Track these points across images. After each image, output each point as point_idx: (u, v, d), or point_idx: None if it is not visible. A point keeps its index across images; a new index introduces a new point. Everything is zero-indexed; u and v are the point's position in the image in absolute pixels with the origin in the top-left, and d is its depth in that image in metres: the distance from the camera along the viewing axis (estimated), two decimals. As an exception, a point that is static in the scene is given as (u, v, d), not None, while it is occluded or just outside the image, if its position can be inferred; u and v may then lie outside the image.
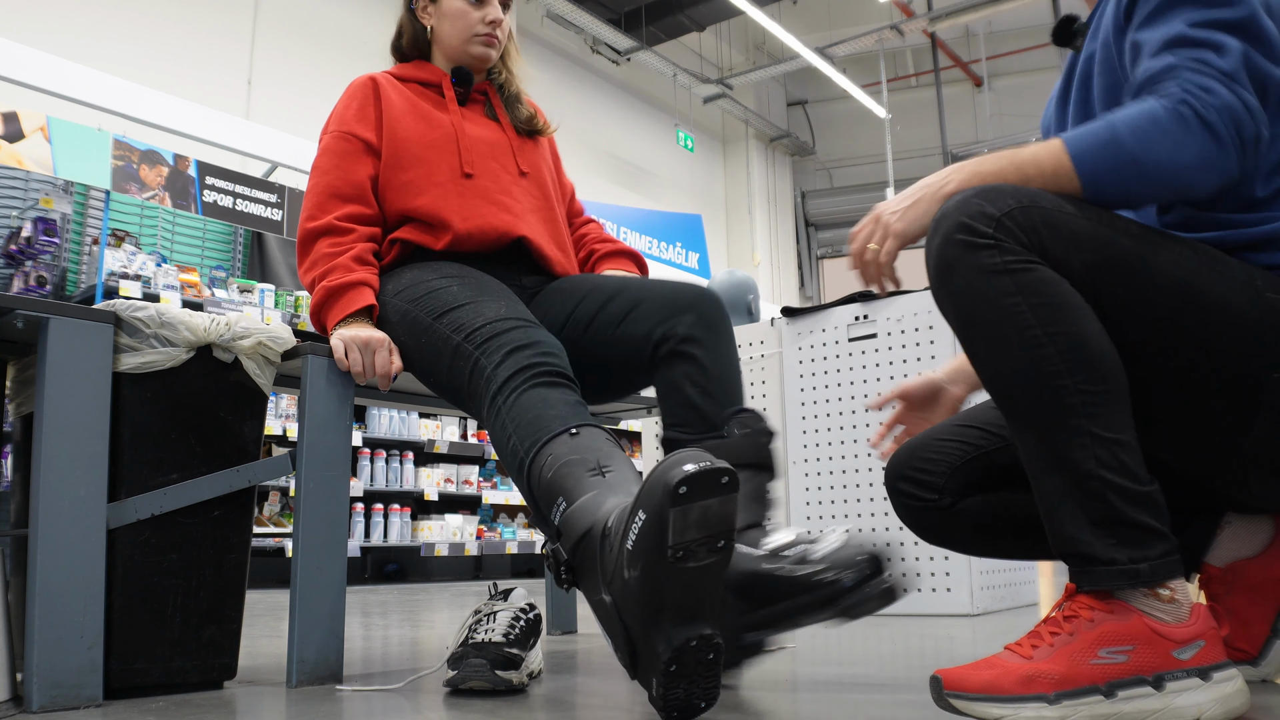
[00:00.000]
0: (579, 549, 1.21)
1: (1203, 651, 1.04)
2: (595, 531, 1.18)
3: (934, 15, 9.92)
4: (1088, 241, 1.09)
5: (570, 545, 1.22)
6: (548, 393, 1.41)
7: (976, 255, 1.07)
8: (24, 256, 5.32)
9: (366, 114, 1.86)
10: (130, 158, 5.36)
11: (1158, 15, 1.17)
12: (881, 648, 2.03)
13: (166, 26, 6.76)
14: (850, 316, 3.12)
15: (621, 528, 1.12)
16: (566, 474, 1.27)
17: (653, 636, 1.10)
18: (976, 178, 1.14)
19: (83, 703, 1.33)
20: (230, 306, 5.54)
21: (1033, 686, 1.02)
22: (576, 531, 1.21)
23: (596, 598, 1.18)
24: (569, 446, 1.31)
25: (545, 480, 1.30)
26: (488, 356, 1.47)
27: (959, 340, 1.13)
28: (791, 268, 13.06)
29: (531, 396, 1.40)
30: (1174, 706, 1.02)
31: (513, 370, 1.44)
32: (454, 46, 1.93)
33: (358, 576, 6.35)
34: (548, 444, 1.32)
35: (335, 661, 1.55)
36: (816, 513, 3.12)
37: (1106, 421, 1.05)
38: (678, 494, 1.03)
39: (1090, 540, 1.05)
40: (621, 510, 1.15)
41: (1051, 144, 1.13)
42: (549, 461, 1.30)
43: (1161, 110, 1.08)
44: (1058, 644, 1.05)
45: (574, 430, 1.32)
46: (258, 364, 1.58)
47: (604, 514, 1.18)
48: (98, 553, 1.37)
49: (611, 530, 1.15)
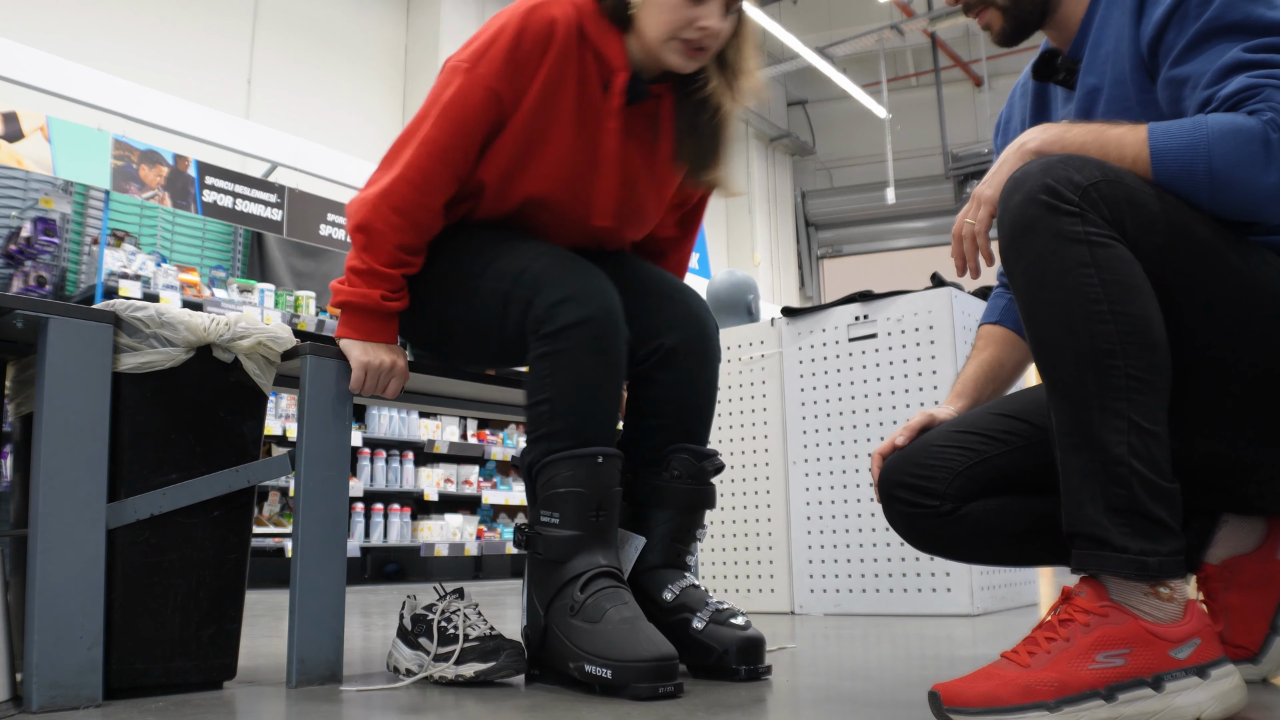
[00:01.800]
0: (548, 579, 1.49)
1: (1199, 649, 1.04)
2: (564, 580, 1.46)
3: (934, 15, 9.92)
4: (1164, 226, 1.09)
5: (542, 564, 1.50)
6: (596, 370, 1.48)
7: (1058, 220, 1.07)
8: (24, 256, 5.32)
9: (523, 72, 1.54)
10: (130, 158, 5.36)
11: (1194, 50, 1.17)
12: (881, 648, 2.03)
13: (166, 26, 6.76)
14: (850, 316, 3.12)
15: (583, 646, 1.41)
16: (572, 501, 1.46)
17: (566, 662, 1.43)
18: (1059, 143, 1.15)
19: (83, 703, 1.33)
20: (230, 306, 5.54)
21: (1033, 695, 1.02)
22: (552, 557, 1.48)
23: (537, 614, 1.49)
24: (589, 473, 1.46)
25: (555, 485, 1.47)
26: (542, 295, 1.49)
27: (1020, 301, 1.12)
28: (791, 268, 13.05)
29: (582, 370, 1.47)
30: (1174, 706, 1.02)
31: (568, 322, 1.47)
32: (650, 40, 1.55)
33: (358, 576, 6.34)
34: (573, 459, 1.46)
35: (335, 661, 1.55)
36: (817, 513, 3.12)
37: (1146, 411, 1.05)
38: (635, 686, 1.34)
39: (1106, 524, 1.04)
40: (592, 601, 1.43)
41: (1138, 130, 1.13)
42: (566, 478, 1.46)
43: (1255, 128, 1.08)
44: (1055, 650, 1.05)
45: (600, 460, 1.46)
46: (258, 364, 1.58)
47: (575, 569, 1.46)
48: (98, 553, 1.37)
49: (578, 605, 1.43)
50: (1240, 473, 1.25)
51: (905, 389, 2.99)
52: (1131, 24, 1.25)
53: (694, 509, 1.64)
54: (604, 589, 1.43)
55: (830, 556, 3.07)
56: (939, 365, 2.93)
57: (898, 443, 1.42)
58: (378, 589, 5.46)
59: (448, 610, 1.58)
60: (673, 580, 1.60)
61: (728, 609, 1.58)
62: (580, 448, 1.46)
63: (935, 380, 2.93)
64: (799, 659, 1.86)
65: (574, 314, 1.47)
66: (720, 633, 1.54)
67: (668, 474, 1.62)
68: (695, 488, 1.63)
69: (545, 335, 1.49)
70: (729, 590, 3.28)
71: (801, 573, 3.13)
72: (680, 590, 1.59)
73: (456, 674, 1.50)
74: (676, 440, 1.65)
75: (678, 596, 1.58)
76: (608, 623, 1.39)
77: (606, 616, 1.39)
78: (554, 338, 1.48)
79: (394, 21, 8.40)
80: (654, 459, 1.64)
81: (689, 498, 1.63)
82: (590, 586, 1.43)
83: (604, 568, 1.45)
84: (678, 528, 1.63)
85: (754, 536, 3.26)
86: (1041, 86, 1.46)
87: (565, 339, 1.47)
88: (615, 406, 1.52)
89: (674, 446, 1.64)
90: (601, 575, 1.45)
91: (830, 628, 2.53)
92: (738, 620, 1.56)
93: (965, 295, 3.07)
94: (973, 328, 3.04)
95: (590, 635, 1.39)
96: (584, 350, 1.47)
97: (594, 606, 1.41)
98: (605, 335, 1.49)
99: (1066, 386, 1.07)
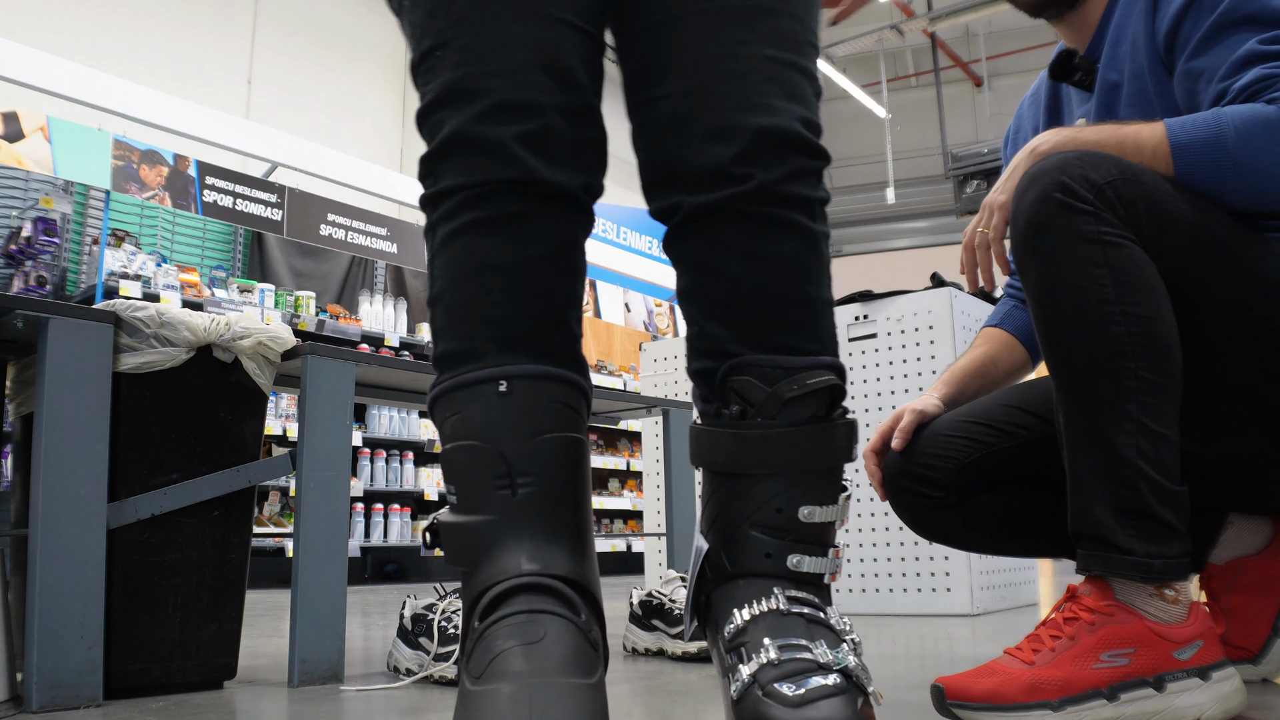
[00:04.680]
0: (464, 595, 0.90)
1: (1201, 651, 1.04)
2: (469, 600, 0.88)
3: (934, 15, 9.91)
4: (1183, 225, 1.09)
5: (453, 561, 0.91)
6: (488, 240, 0.91)
7: (1071, 218, 1.06)
8: (24, 256, 5.33)
9: None
10: (130, 158, 5.35)
11: (1209, 43, 1.17)
12: (881, 648, 2.03)
13: (166, 26, 6.76)
14: (850, 316, 3.12)
15: None
16: (465, 465, 0.89)
17: None
18: (1074, 143, 1.15)
19: (83, 703, 1.33)
20: (230, 306, 5.54)
21: (1037, 694, 1.02)
22: (453, 560, 0.91)
23: None
24: (485, 411, 0.88)
25: (442, 437, 0.93)
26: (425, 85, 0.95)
27: (1031, 300, 1.12)
28: (791, 268, 13.04)
29: (467, 247, 0.92)
30: (1175, 707, 1.02)
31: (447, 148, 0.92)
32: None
33: (358, 576, 6.34)
34: (458, 391, 0.90)
35: (335, 661, 1.55)
36: (816, 513, 3.12)
37: (1156, 413, 1.05)
38: None
39: (1112, 525, 1.05)
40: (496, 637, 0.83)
41: (1155, 126, 1.13)
42: (452, 424, 0.90)
43: (1275, 114, 1.08)
44: (1059, 648, 1.05)
45: (503, 387, 0.88)
46: (258, 364, 1.58)
47: (480, 582, 0.87)
48: (98, 553, 1.37)
49: (469, 645, 0.85)
50: (1255, 472, 1.25)
51: (905, 389, 2.99)
52: (1147, 19, 1.25)
53: (793, 470, 0.92)
54: (508, 618, 0.83)
55: (830, 556, 3.07)
56: (939, 365, 2.93)
57: (895, 447, 1.41)
58: (378, 589, 5.46)
59: (448, 610, 1.58)
60: (750, 600, 0.91)
61: (797, 660, 0.85)
62: (470, 371, 0.89)
63: (935, 380, 2.93)
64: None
65: (467, 130, 0.91)
66: (753, 712, 0.84)
67: (728, 411, 0.94)
68: (783, 432, 0.92)
69: (423, 175, 0.96)
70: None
71: (801, 573, 3.12)
72: (749, 620, 0.89)
73: (457, 673, 1.50)
74: (736, 348, 0.95)
75: (741, 631, 0.89)
76: (487, 680, 0.80)
77: (490, 669, 0.80)
78: (432, 175, 0.94)
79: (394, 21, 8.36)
80: (709, 385, 0.98)
81: (774, 451, 0.92)
82: (492, 612, 0.85)
83: (527, 578, 0.85)
84: (763, 505, 0.93)
85: (754, 536, 3.25)
86: (1055, 91, 1.46)
87: (446, 179, 0.93)
88: (547, 291, 0.93)
89: (736, 359, 0.94)
90: (518, 592, 0.85)
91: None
92: (796, 687, 0.83)
93: (965, 295, 3.07)
94: (973, 327, 3.04)
95: (465, 704, 0.81)
96: (476, 203, 0.91)
97: (483, 649, 0.83)
98: (530, 155, 0.91)
99: (1076, 387, 1.08)
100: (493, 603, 0.85)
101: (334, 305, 6.57)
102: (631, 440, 7.87)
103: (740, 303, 0.95)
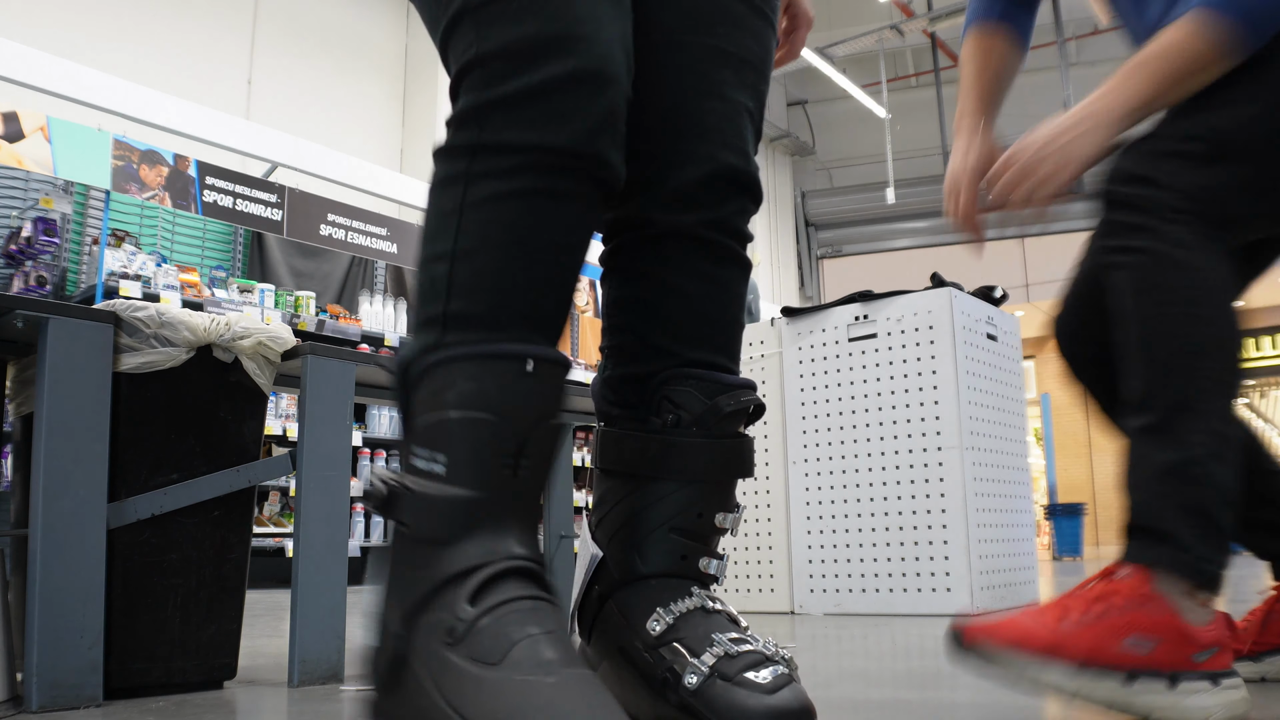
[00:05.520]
0: (416, 570, 0.84)
1: (1216, 657, 1.05)
2: (442, 577, 0.82)
3: (934, 15, 9.91)
4: None
5: (409, 543, 0.85)
6: (551, 207, 0.87)
7: (1166, 225, 1.10)
8: (24, 256, 5.33)
9: None
10: (130, 158, 5.36)
11: None
12: (881, 648, 2.03)
13: (166, 26, 6.76)
14: (850, 316, 3.12)
15: None
16: (472, 435, 0.83)
17: None
18: (1136, 101, 1.15)
19: (83, 703, 1.33)
20: (230, 306, 5.54)
21: (1059, 653, 1.04)
22: (427, 533, 0.84)
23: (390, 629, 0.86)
24: (507, 387, 0.84)
25: (444, 404, 0.84)
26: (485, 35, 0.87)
27: (1116, 292, 1.14)
28: (791, 268, 13.05)
29: (525, 206, 0.86)
30: (1182, 706, 1.03)
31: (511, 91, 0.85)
32: None
33: (358, 576, 6.34)
34: (481, 360, 0.84)
35: (336, 661, 1.55)
36: (817, 513, 3.11)
37: (1225, 416, 1.09)
38: None
39: (1176, 522, 1.07)
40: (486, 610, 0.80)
41: (1179, 23, 1.13)
42: (465, 393, 0.84)
43: None
44: (1085, 620, 1.06)
45: (531, 366, 0.85)
46: (258, 364, 1.58)
47: (465, 560, 0.82)
48: (98, 553, 1.37)
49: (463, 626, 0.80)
50: None
51: (905, 389, 2.99)
52: None
53: (715, 479, 1.01)
54: (513, 603, 0.81)
55: (830, 556, 3.07)
56: (939, 365, 2.93)
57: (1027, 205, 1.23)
58: (378, 589, 5.46)
59: None
60: (671, 599, 0.98)
61: (750, 652, 0.94)
62: (495, 342, 0.85)
63: (935, 380, 2.93)
64: (799, 659, 1.86)
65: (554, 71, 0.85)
66: (726, 700, 0.91)
67: (660, 419, 1.01)
68: (713, 443, 1.00)
69: (464, 119, 0.88)
70: (729, 590, 3.28)
71: (801, 573, 3.12)
72: (677, 617, 0.97)
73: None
74: (677, 362, 1.03)
75: (671, 628, 0.96)
76: (514, 669, 0.77)
77: (512, 657, 0.77)
78: (481, 124, 0.86)
79: (394, 21, 8.39)
80: (638, 392, 1.04)
81: (704, 459, 1.00)
82: (489, 594, 0.81)
83: (518, 561, 0.83)
84: (685, 510, 1.00)
85: (754, 536, 3.26)
86: None
87: (507, 137, 0.86)
88: (571, 279, 0.91)
89: (673, 370, 1.02)
90: (511, 576, 0.83)
91: (830, 628, 2.53)
92: (762, 675, 0.92)
93: (965, 295, 3.07)
94: (973, 327, 3.04)
95: (478, 689, 0.77)
96: (540, 170, 0.86)
97: (492, 633, 0.79)
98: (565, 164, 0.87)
99: (1154, 382, 1.10)
100: (488, 584, 0.81)
101: (334, 305, 6.57)
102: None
103: (690, 320, 1.05)
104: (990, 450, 3.04)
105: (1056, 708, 1.23)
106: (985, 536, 2.92)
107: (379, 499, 0.87)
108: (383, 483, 0.87)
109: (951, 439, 2.88)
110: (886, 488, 2.98)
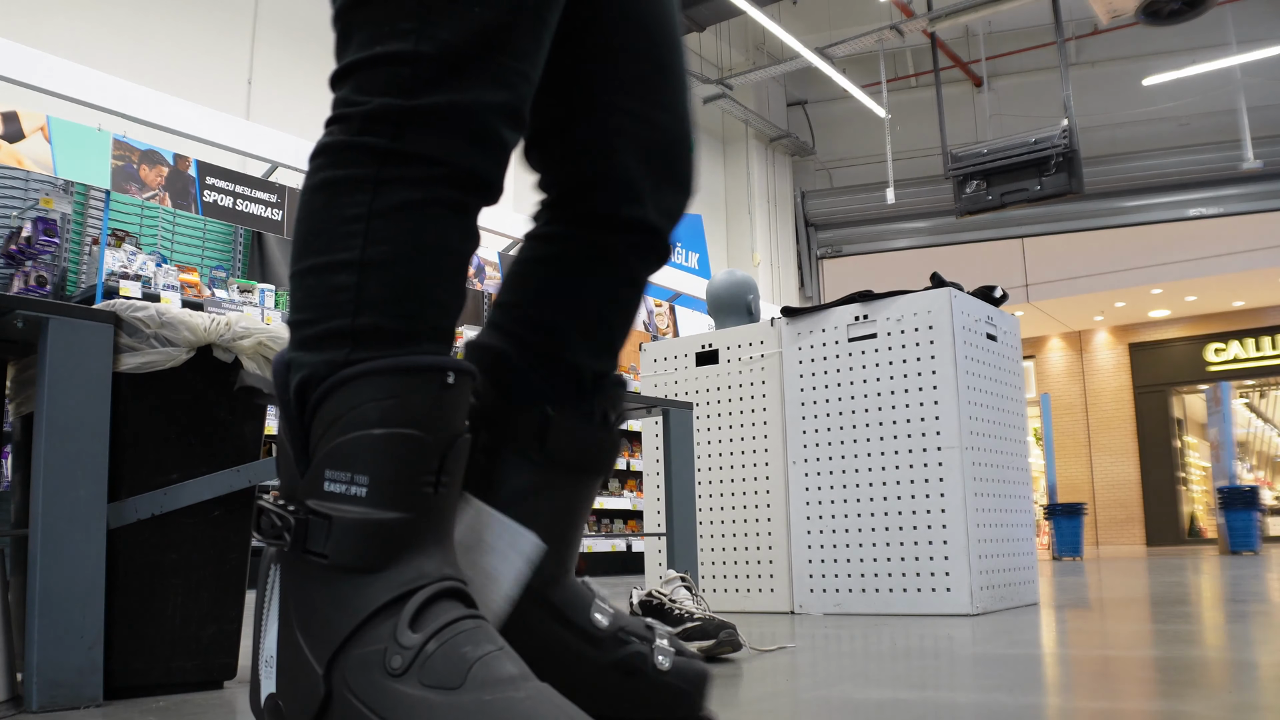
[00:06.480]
0: (336, 604, 0.79)
1: None
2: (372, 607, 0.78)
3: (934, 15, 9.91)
4: None
5: (323, 575, 0.80)
6: (451, 225, 0.85)
7: None
8: (24, 256, 5.33)
9: None
10: (130, 158, 5.36)
11: None
12: (881, 648, 2.03)
13: (166, 26, 6.76)
14: (850, 316, 3.12)
15: None
16: (397, 454, 0.79)
17: None
18: None
19: (83, 703, 1.33)
20: (230, 306, 5.54)
21: None
22: (350, 561, 0.79)
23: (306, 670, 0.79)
24: (430, 403, 0.81)
25: (362, 422, 0.80)
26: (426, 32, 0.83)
27: None
28: (791, 268, 13.06)
29: (430, 224, 0.84)
30: None
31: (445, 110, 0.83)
32: None
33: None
34: (401, 375, 0.81)
35: (335, 661, 1.55)
36: (816, 513, 3.12)
37: None
38: None
39: None
40: None
41: None
42: (386, 410, 0.80)
43: None
44: None
45: (451, 378, 0.82)
46: (258, 364, 1.58)
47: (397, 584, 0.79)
48: (98, 553, 1.37)
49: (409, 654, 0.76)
50: None
51: (905, 389, 2.99)
52: None
53: (603, 477, 1.05)
54: (457, 623, 0.78)
55: (830, 556, 3.07)
56: (939, 365, 2.93)
57: None
58: (378, 589, 5.46)
59: None
60: (591, 595, 1.02)
61: (667, 629, 1.10)
62: (414, 354, 0.82)
63: (935, 380, 2.93)
64: (798, 659, 1.86)
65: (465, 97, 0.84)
66: (690, 668, 1.00)
67: (599, 414, 1.03)
68: (619, 439, 1.07)
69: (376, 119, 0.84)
70: (729, 590, 3.28)
71: (801, 572, 3.13)
72: (614, 610, 1.01)
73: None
74: (608, 360, 1.08)
75: (615, 620, 0.99)
76: (480, 689, 0.74)
77: (474, 677, 0.74)
78: (400, 130, 0.83)
79: (394, 21, 8.38)
80: (566, 387, 1.03)
81: (609, 458, 1.04)
82: (429, 618, 0.78)
83: (449, 582, 0.81)
84: (577, 507, 1.01)
85: (754, 536, 3.26)
86: None
87: (425, 144, 0.83)
88: (464, 288, 0.90)
89: (618, 376, 1.09)
90: (445, 597, 0.80)
91: (830, 627, 2.53)
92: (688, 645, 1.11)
93: (965, 295, 3.07)
94: (973, 327, 3.04)
95: (448, 715, 0.73)
96: (452, 184, 0.85)
97: (445, 656, 0.76)
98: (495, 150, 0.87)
99: None
100: (426, 606, 0.78)
101: (334, 305, 6.57)
102: (631, 440, 7.87)
103: (624, 322, 1.10)
104: (990, 450, 3.04)
105: (1057, 708, 1.23)
106: (985, 536, 2.92)
107: (283, 532, 0.81)
108: (287, 513, 0.81)
109: (951, 439, 2.88)
110: (886, 488, 2.99)
